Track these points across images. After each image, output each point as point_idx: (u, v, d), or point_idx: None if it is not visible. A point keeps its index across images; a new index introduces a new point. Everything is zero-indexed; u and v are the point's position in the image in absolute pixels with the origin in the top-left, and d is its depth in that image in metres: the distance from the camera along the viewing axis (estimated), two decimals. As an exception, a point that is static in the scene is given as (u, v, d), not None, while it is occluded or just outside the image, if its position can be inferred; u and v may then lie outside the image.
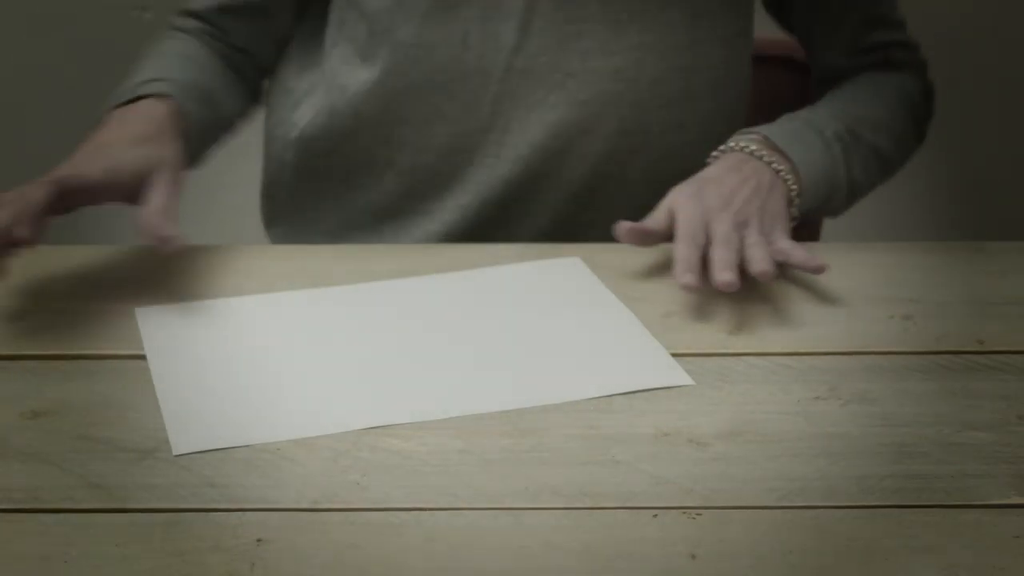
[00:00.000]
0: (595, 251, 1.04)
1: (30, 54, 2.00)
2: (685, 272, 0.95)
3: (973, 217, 1.99)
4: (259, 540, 0.71)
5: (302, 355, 0.91)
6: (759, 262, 0.96)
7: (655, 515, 0.74)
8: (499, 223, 1.18)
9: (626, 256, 1.04)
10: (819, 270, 0.98)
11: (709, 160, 1.07)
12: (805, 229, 1.35)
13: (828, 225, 1.38)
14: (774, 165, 1.05)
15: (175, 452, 0.79)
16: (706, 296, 0.98)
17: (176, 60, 1.15)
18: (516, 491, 0.76)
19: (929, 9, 1.88)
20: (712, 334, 0.94)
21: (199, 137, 1.12)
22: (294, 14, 1.23)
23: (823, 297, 0.99)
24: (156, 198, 0.97)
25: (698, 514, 0.74)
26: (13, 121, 2.04)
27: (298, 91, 1.22)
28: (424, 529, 0.72)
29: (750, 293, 0.99)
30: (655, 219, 1.02)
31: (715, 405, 0.85)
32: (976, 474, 0.77)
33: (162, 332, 0.93)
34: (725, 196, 1.01)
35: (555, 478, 0.77)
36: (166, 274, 1.01)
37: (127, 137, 1.01)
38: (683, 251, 0.97)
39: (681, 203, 1.01)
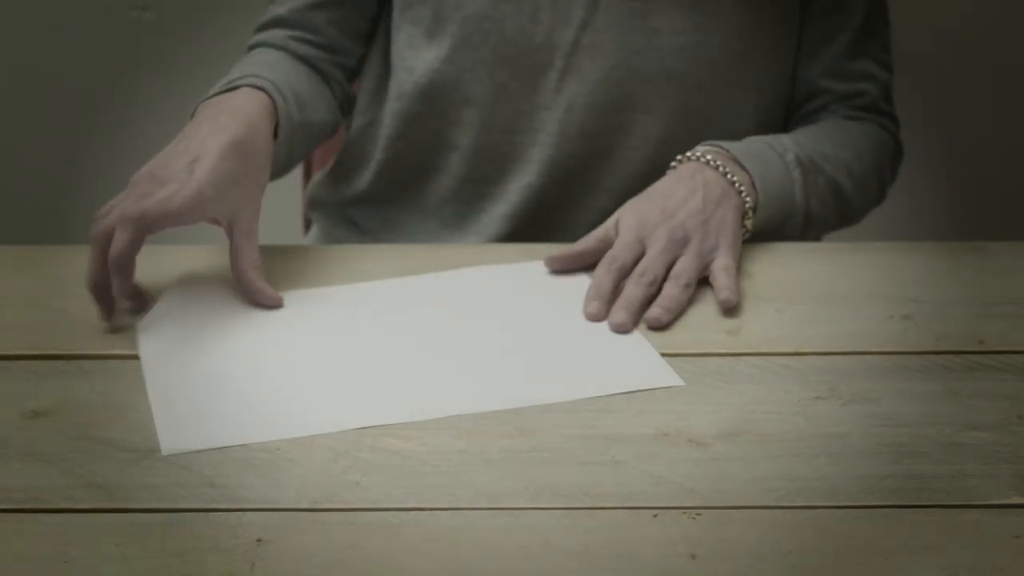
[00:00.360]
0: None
1: (30, 54, 2.00)
2: (591, 300, 0.97)
3: (973, 217, 1.99)
4: (259, 540, 0.71)
5: (297, 354, 0.91)
6: (656, 306, 0.96)
7: (655, 515, 0.74)
8: (563, 203, 1.19)
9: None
10: (725, 304, 0.97)
11: (668, 170, 1.07)
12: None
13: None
14: (730, 176, 1.05)
15: (164, 452, 0.79)
16: (706, 296, 0.98)
17: (263, 66, 1.13)
18: (516, 491, 0.76)
19: (929, 9, 1.89)
20: (712, 334, 0.94)
21: (289, 138, 1.10)
22: (379, 2, 1.23)
23: (823, 297, 0.99)
24: (247, 252, 0.96)
25: (698, 514, 0.74)
26: (13, 121, 2.04)
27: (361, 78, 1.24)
28: (424, 529, 0.72)
29: (750, 294, 0.99)
30: (590, 238, 1.03)
31: (715, 405, 0.85)
32: (976, 474, 0.77)
33: (156, 331, 0.93)
34: (668, 210, 1.01)
35: (555, 478, 0.77)
36: (166, 274, 1.01)
37: (218, 145, 0.97)
38: (598, 276, 0.99)
39: (622, 220, 1.02)
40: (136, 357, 0.90)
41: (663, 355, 0.91)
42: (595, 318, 0.96)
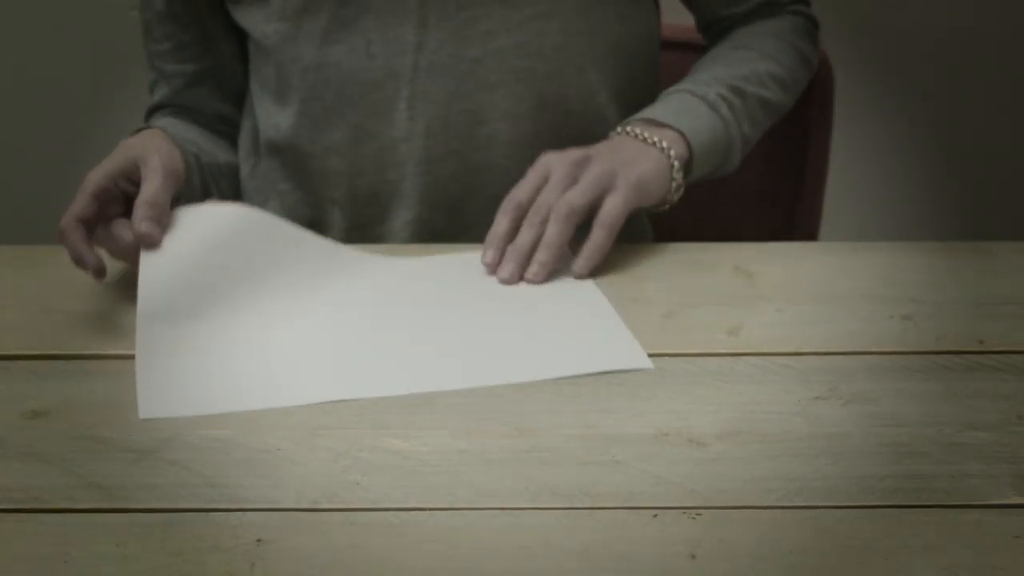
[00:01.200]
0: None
1: (30, 54, 2.00)
2: (488, 248, 1.00)
3: (973, 217, 1.99)
4: (259, 540, 0.71)
5: (271, 326, 0.92)
6: (533, 262, 0.98)
7: (655, 515, 0.74)
8: (451, 227, 1.18)
9: (626, 256, 1.04)
10: (579, 270, 0.99)
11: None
12: (801, 232, 1.35)
13: (828, 225, 1.38)
14: (659, 143, 1.06)
15: (142, 416, 0.82)
16: (706, 296, 0.98)
17: (156, 127, 1.15)
18: (516, 491, 0.76)
19: (929, 9, 1.89)
20: (712, 334, 0.94)
21: (196, 164, 1.11)
22: (244, 65, 1.23)
23: (823, 297, 0.99)
24: (147, 187, 0.96)
25: (698, 514, 0.74)
26: (13, 121, 2.05)
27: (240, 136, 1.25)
28: (424, 529, 0.72)
29: (750, 294, 0.99)
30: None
31: (715, 405, 0.85)
32: (976, 474, 0.77)
33: (155, 289, 0.92)
34: (584, 150, 1.04)
35: (555, 478, 0.77)
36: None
37: (115, 152, 1.00)
38: (497, 223, 1.01)
39: (535, 164, 1.05)
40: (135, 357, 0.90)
41: (663, 355, 0.91)
42: (492, 267, 0.98)
